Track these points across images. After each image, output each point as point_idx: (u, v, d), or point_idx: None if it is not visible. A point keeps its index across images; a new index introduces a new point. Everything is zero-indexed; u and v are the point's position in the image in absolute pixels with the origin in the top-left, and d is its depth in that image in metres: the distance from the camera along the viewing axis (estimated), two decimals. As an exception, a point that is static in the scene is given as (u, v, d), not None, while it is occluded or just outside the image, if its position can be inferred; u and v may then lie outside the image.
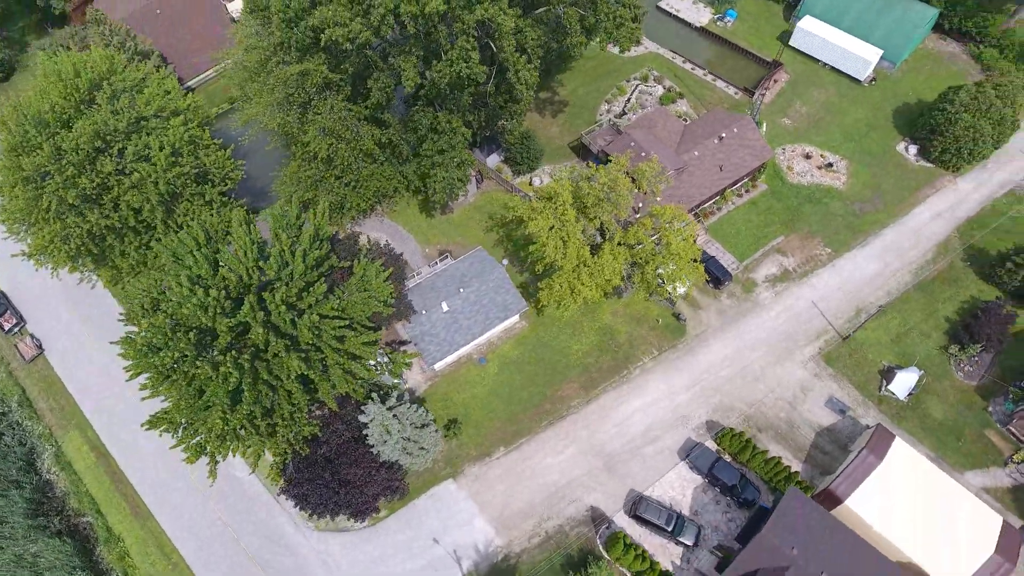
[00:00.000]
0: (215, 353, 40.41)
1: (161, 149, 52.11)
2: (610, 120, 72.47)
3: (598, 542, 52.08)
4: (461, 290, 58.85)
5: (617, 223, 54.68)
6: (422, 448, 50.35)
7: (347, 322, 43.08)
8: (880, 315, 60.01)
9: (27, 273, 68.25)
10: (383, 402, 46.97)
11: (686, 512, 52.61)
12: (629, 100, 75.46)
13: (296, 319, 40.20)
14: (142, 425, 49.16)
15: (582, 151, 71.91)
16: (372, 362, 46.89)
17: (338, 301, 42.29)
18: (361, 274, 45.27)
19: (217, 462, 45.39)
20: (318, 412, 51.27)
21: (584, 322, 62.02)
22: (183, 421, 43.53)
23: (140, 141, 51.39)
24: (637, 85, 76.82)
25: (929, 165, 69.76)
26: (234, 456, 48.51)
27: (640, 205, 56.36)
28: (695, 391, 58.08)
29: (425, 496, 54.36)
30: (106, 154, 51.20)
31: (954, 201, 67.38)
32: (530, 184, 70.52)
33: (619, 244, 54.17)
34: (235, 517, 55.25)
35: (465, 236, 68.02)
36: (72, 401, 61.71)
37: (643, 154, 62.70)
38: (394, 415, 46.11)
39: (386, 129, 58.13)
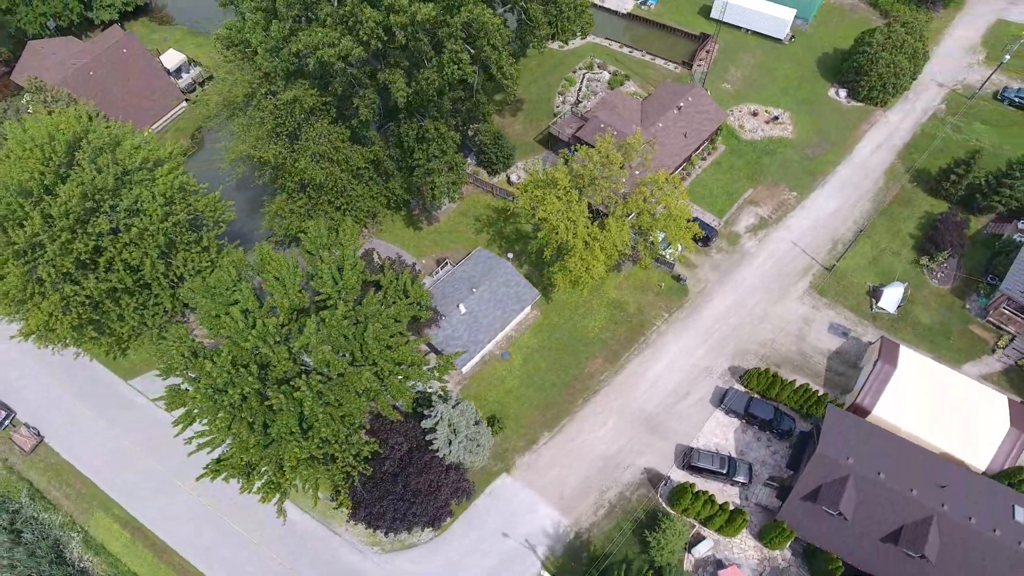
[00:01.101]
0: (276, 384, 39.81)
1: (154, 199, 50.61)
2: (570, 109, 75.43)
3: (660, 500, 54.21)
4: (474, 290, 59.86)
5: (615, 196, 57.32)
6: (479, 445, 50.98)
7: (398, 330, 43.40)
8: (854, 242, 65.49)
9: (1, 363, 64.15)
10: (444, 402, 47.43)
11: (732, 454, 55.58)
12: (580, 89, 78.80)
13: (361, 333, 40.16)
14: (198, 478, 47.71)
15: (550, 142, 74.51)
16: (426, 367, 47.20)
17: (392, 309, 42.60)
18: (392, 283, 45.66)
19: (286, 496, 44.44)
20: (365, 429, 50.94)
21: (592, 300, 64.33)
22: (248, 461, 42.43)
23: (130, 195, 49.73)
24: (584, 74, 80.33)
25: (859, 104, 76.68)
26: (297, 491, 47.44)
27: (624, 180, 59.11)
28: (710, 343, 61.42)
29: (484, 495, 54.86)
30: (97, 214, 49.26)
31: (888, 132, 74.35)
32: (508, 182, 72.43)
33: (621, 216, 56.77)
34: (295, 558, 53.80)
35: (457, 241, 69.06)
36: (88, 482, 58.26)
37: (615, 133, 65.84)
38: (459, 412, 46.69)
39: (370, 147, 58.60)
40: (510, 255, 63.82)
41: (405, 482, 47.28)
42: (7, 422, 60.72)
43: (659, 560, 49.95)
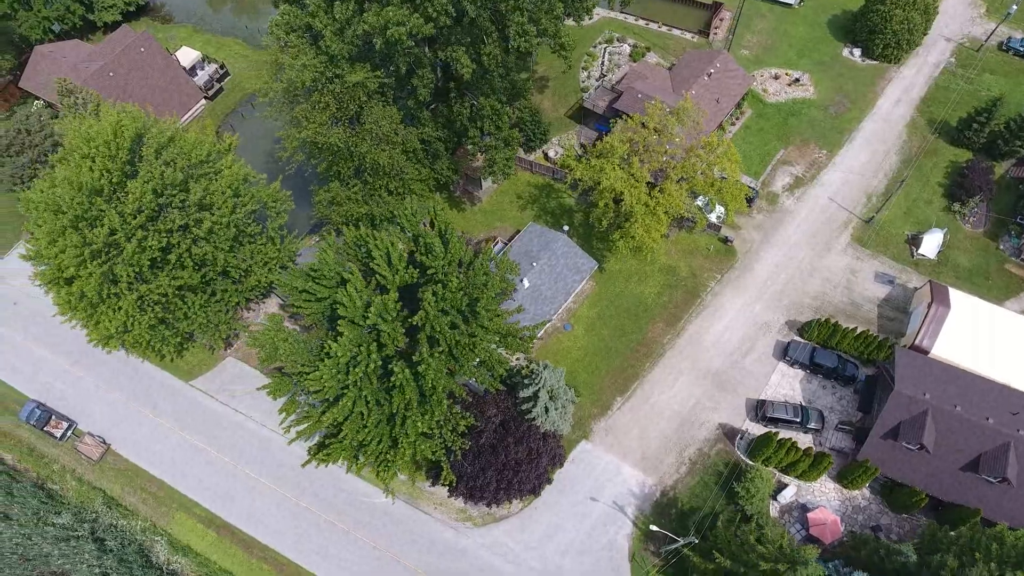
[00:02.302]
0: (394, 359, 40.05)
1: (222, 193, 50.02)
2: (601, 83, 76.21)
3: (738, 453, 55.95)
4: (534, 264, 60.54)
5: (672, 160, 58.42)
6: (566, 412, 51.92)
7: (497, 302, 43.92)
8: (895, 193, 67.87)
9: (52, 374, 62.74)
10: (545, 369, 48.17)
11: (801, 403, 57.57)
12: (604, 63, 79.61)
13: (472, 305, 40.59)
14: (304, 464, 48.00)
15: (582, 116, 75.23)
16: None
17: (498, 281, 43.09)
18: (485, 257, 46.15)
19: (396, 474, 44.78)
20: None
21: (644, 268, 65.58)
22: (361, 441, 42.60)
23: (198, 188, 49.06)
24: (606, 48, 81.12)
25: (874, 62, 79.06)
26: (399, 470, 47.69)
27: (680, 145, 60.17)
28: (765, 300, 63.26)
29: (568, 463, 55.83)
30: (169, 209, 48.53)
31: (905, 87, 76.92)
32: (545, 157, 73.04)
33: (678, 180, 57.93)
34: (390, 541, 54.19)
35: (502, 219, 69.57)
36: (162, 484, 57.59)
37: (652, 101, 66.90)
38: (558, 378, 47.59)
39: (422, 128, 58.61)
40: (566, 227, 64.54)
41: (505, 452, 47.94)
42: (69, 432, 59.54)
43: (749, 509, 51.67)
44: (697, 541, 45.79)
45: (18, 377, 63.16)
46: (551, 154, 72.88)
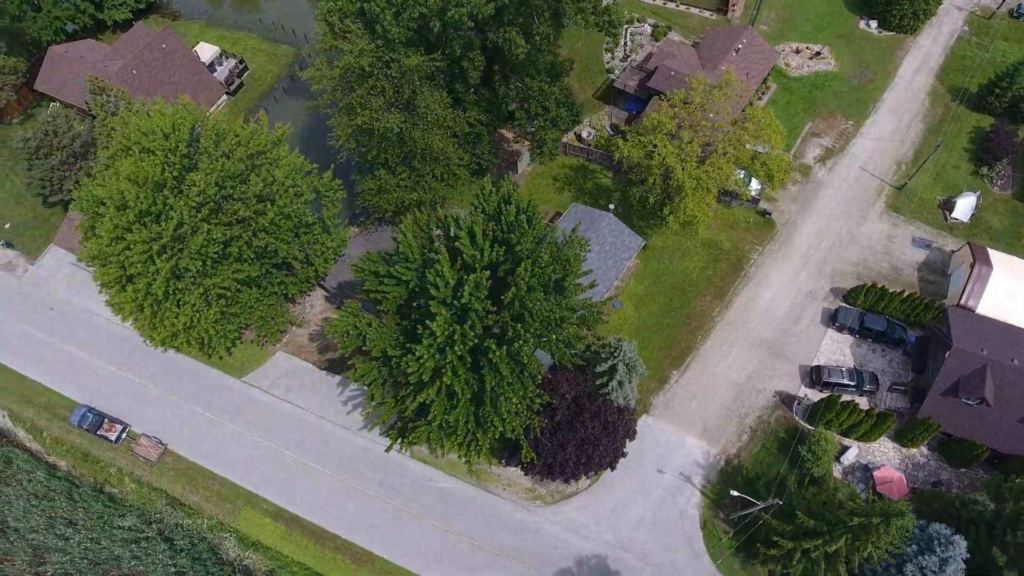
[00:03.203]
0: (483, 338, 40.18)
1: (282, 183, 49.57)
2: (629, 63, 76.53)
3: (797, 418, 57.03)
4: (583, 244, 60.85)
5: (720, 134, 59.02)
6: (633, 385, 52.51)
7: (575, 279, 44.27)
8: (928, 160, 69.29)
9: (98, 377, 61.79)
10: (624, 343, 48.63)
11: (854, 367, 58.80)
12: (627, 43, 79.94)
13: (562, 281, 40.84)
14: (388, 449, 48.24)
15: (611, 96, 75.57)
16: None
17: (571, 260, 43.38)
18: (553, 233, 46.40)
19: (480, 453, 45.01)
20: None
21: (686, 243, 66.30)
22: (449, 424, 42.72)
23: (258, 179, 48.58)
24: (627, 28, 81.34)
25: (891, 33, 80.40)
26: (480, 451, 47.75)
27: (727, 118, 60.82)
28: (809, 269, 64.35)
29: (631, 437, 56.58)
30: (233, 200, 47.99)
31: (923, 56, 78.40)
32: (578, 139, 73.27)
33: (725, 153, 58.59)
34: (463, 524, 54.39)
35: (541, 202, 69.55)
36: (225, 482, 57.12)
37: (685, 78, 67.49)
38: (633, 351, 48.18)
39: (468, 111, 58.53)
40: (611, 206, 64.93)
41: (583, 428, 48.37)
42: (124, 435, 58.73)
43: (815, 471, 52.75)
44: (781, 503, 46.59)
45: (64, 382, 62.10)
46: (584, 135, 73.14)
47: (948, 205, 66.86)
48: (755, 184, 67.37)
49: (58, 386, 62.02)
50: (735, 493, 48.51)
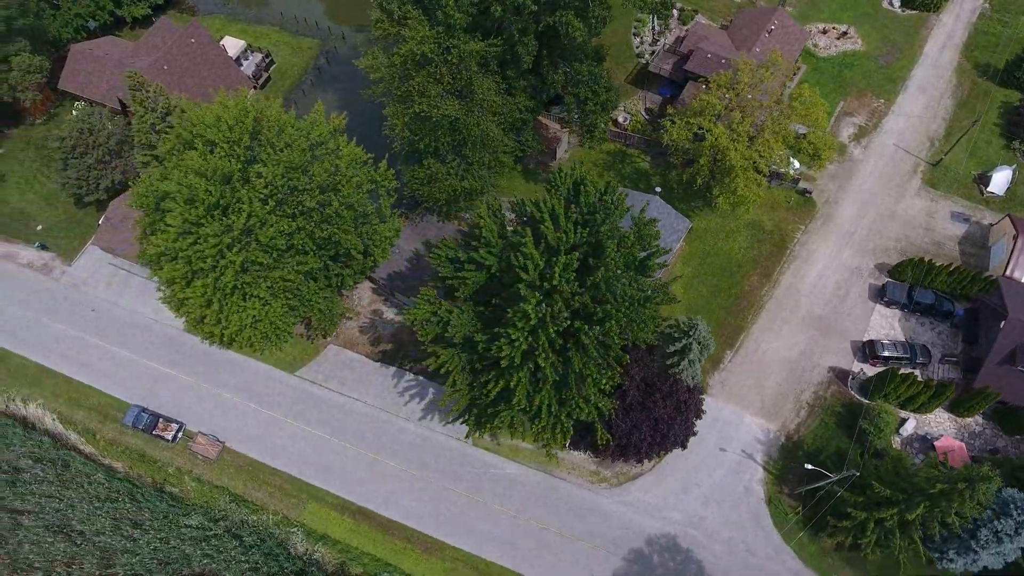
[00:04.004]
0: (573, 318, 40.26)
1: (344, 174, 49.21)
2: (662, 47, 76.59)
3: (852, 392, 57.84)
4: (633, 228, 61.07)
5: (769, 114, 59.39)
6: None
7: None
8: (948, 136, 70.27)
9: (148, 377, 61.10)
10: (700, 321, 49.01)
11: (902, 338, 59.72)
12: (655, 28, 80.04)
13: (647, 261, 41.03)
14: (465, 437, 48.11)
15: (644, 81, 75.67)
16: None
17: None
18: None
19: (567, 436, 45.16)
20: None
21: (729, 224, 66.77)
22: (533, 407, 42.82)
23: (321, 169, 48.20)
24: (653, 14, 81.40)
25: (913, 11, 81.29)
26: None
27: (776, 98, 61.15)
28: (852, 246, 65.14)
29: (691, 417, 57.06)
30: (296, 192, 47.55)
31: (947, 33, 79.40)
32: (615, 123, 73.33)
33: (773, 132, 58.97)
34: (532, 509, 54.58)
35: (581, 188, 69.75)
36: (288, 477, 56.82)
37: (723, 61, 67.87)
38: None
39: (517, 98, 58.40)
40: (658, 189, 65.21)
41: (655, 408, 48.72)
42: (180, 433, 58.16)
43: (877, 443, 53.62)
44: (858, 474, 47.28)
45: (112, 383, 61.29)
46: (620, 120, 73.23)
47: (983, 179, 67.92)
48: (794, 164, 67.98)
49: (107, 387, 61.20)
50: (810, 467, 49.12)
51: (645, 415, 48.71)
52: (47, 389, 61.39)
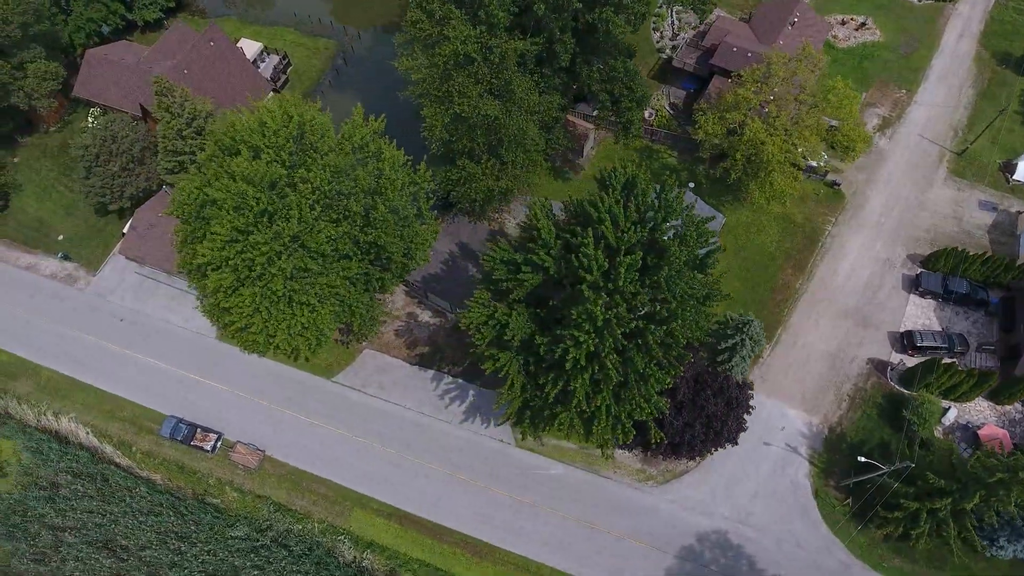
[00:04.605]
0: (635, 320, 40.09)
1: (388, 177, 48.62)
2: (684, 42, 76.32)
3: (892, 383, 58.12)
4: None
5: (804, 106, 59.34)
6: (745, 360, 53.04)
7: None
8: (971, 124, 70.70)
9: (182, 387, 60.26)
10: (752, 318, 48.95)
11: (939, 327, 60.09)
12: (673, 22, 79.79)
13: (707, 258, 40.90)
14: (522, 439, 47.57)
15: (667, 76, 75.41)
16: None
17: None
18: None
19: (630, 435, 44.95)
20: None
21: (760, 219, 66.76)
22: (591, 408, 42.59)
23: (366, 173, 47.58)
24: (672, 8, 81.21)
25: (930, 1, 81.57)
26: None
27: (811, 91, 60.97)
28: (883, 237, 65.38)
29: (733, 412, 57.10)
30: (340, 196, 46.91)
31: (964, 22, 79.72)
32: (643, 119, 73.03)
33: (807, 126, 58.95)
34: (580, 509, 54.44)
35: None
36: (331, 484, 56.27)
37: (749, 55, 67.75)
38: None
39: (552, 96, 57.97)
40: (691, 184, 65.08)
41: (706, 404, 48.66)
42: (219, 443, 57.41)
43: (922, 433, 53.91)
44: (912, 465, 47.48)
45: (145, 394, 60.40)
46: (646, 115, 72.92)
47: (1009, 167, 68.37)
48: (823, 156, 68.01)
49: (140, 399, 60.31)
50: (863, 459, 49.26)
51: (697, 412, 48.65)
52: (79, 402, 60.43)
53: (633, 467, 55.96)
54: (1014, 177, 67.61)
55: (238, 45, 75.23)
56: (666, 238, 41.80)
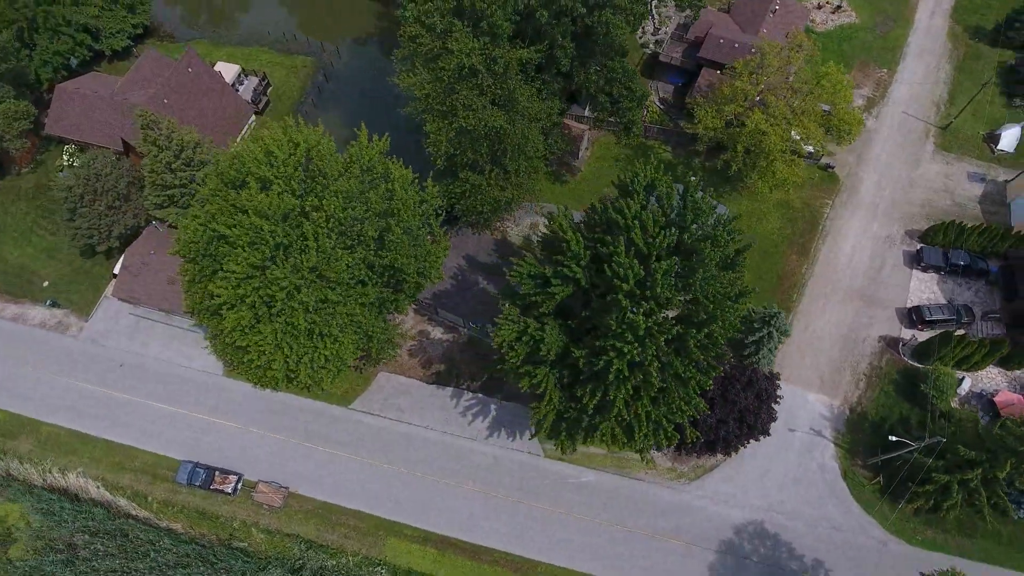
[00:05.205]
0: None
1: (400, 198, 47.57)
2: (667, 36, 76.34)
3: (906, 359, 59.13)
4: (674, 220, 60.96)
5: (798, 94, 59.84)
6: (768, 350, 53.38)
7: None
8: (952, 99, 72.37)
9: (194, 430, 58.29)
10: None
11: (944, 300, 61.35)
12: (654, 16, 79.77)
13: (737, 257, 40.84)
14: (563, 453, 46.99)
15: (653, 71, 75.44)
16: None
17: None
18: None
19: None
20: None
21: (759, 207, 67.25)
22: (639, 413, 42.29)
23: (377, 195, 46.47)
24: (652, 2, 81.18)
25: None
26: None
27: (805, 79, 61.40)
28: (880, 216, 66.45)
29: (756, 402, 57.45)
30: (354, 221, 45.68)
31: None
32: (633, 117, 72.89)
33: (803, 112, 59.47)
34: (613, 513, 54.23)
35: (608, 184, 69.16)
36: (361, 513, 55.07)
37: (736, 45, 68.16)
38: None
39: (551, 101, 57.44)
40: (692, 178, 65.00)
41: (738, 399, 48.80)
42: (239, 485, 55.63)
43: (942, 406, 54.96)
44: (944, 440, 48.26)
45: (155, 440, 58.26)
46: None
47: (993, 138, 70.08)
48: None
49: (151, 446, 58.14)
50: (894, 438, 49.95)
51: (730, 408, 48.78)
52: (85, 455, 58.00)
53: (664, 466, 55.92)
54: (998, 147, 69.32)
55: (215, 69, 72.96)
56: (694, 240, 41.57)
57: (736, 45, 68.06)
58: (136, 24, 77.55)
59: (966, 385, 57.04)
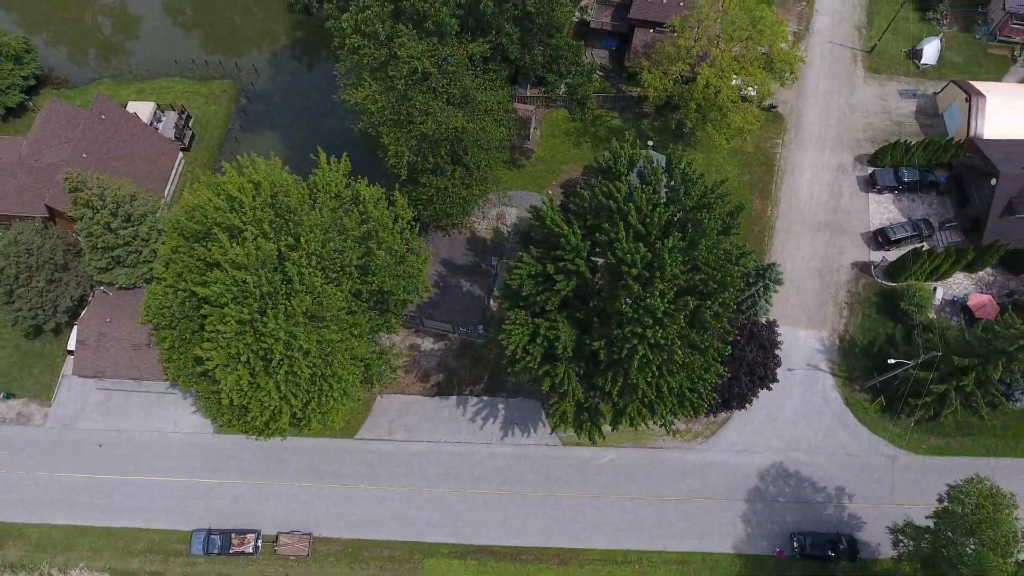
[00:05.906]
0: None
1: (379, 220, 45.52)
2: (592, 2, 75.15)
3: (880, 280, 61.63)
4: (640, 187, 61.02)
5: (734, 40, 60.12)
6: (760, 298, 54.51)
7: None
8: (870, 21, 74.76)
9: (195, 495, 55.36)
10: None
11: (904, 218, 64.05)
12: (572, -18, 78.49)
13: (730, 221, 40.93)
14: (592, 442, 46.83)
15: (588, 37, 74.28)
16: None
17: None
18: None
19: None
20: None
21: (713, 157, 67.69)
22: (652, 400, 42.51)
23: (351, 221, 44.32)
24: (566, -32, 79.81)
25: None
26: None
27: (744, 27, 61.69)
28: (829, 146, 68.39)
29: (752, 350, 58.79)
30: (334, 253, 43.45)
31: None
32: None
33: (748, 60, 59.99)
34: (640, 488, 54.84)
35: (565, 161, 68.72)
36: (392, 543, 53.92)
37: (665, 1, 67.93)
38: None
39: (502, 89, 55.88)
40: (650, 142, 65.14)
41: (743, 354, 49.70)
42: (259, 542, 53.28)
43: (922, 319, 57.64)
44: (940, 354, 50.54)
45: (159, 516, 54.99)
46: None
47: (916, 54, 72.81)
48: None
49: (154, 523, 54.86)
50: (892, 361, 52.06)
51: (738, 364, 49.65)
52: (85, 548, 54.25)
53: (678, 428, 56.71)
54: (922, 62, 72.11)
55: (128, 111, 67.56)
56: (689, 211, 41.50)
57: (665, 1, 67.84)
58: (26, 75, 70.82)
59: (939, 295, 60.00)
